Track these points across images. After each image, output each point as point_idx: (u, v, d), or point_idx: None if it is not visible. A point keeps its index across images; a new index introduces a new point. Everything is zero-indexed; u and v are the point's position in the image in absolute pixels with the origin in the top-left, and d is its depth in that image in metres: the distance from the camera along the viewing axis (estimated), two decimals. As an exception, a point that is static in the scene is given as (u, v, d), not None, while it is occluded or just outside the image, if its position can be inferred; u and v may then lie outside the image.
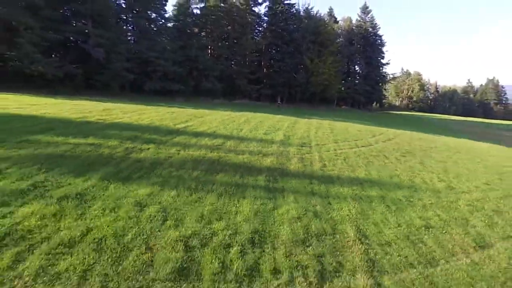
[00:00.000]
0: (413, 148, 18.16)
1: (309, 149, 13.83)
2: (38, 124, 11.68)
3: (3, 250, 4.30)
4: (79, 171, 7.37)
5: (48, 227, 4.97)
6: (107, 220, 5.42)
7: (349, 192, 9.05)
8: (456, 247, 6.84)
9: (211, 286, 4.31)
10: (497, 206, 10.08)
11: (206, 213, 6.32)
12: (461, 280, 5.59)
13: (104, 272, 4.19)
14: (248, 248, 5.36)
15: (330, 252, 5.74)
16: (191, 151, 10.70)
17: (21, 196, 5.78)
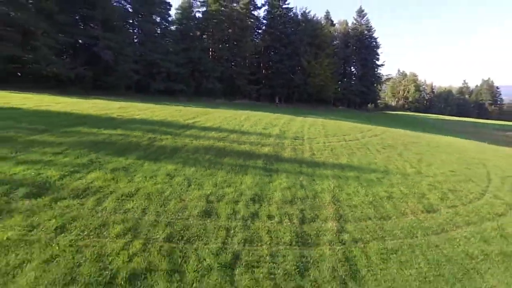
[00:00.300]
0: (396, 143, 20.36)
1: (302, 141, 16.02)
2: (71, 119, 13.83)
3: (87, 197, 6.46)
4: (118, 153, 9.53)
5: (111, 186, 7.12)
6: (149, 183, 7.59)
7: (331, 173, 11.23)
8: (407, 210, 9.02)
9: (226, 221, 6.47)
10: (453, 187, 12.25)
11: (218, 182, 8.49)
12: (404, 228, 7.77)
13: (156, 210, 6.35)
14: (250, 203, 7.52)
15: (310, 208, 7.92)
16: (202, 141, 12.86)
17: (85, 167, 7.94)
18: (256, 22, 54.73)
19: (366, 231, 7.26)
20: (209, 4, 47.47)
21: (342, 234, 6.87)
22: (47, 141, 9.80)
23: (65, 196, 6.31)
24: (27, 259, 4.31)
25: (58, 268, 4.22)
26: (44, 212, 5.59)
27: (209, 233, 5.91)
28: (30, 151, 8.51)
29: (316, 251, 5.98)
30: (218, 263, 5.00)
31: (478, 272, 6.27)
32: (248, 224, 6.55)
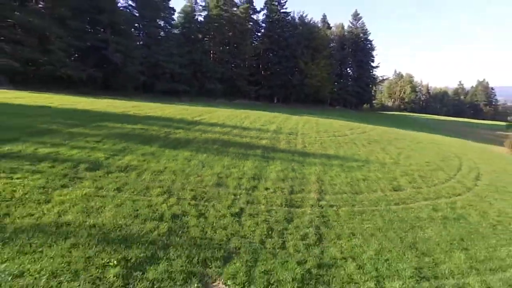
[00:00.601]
0: (381, 139, 22.56)
1: (295, 136, 18.18)
2: (96, 115, 15.95)
3: (130, 172, 8.58)
4: (143, 143, 11.66)
5: (144, 165, 9.26)
6: (173, 164, 9.73)
7: (318, 161, 13.38)
8: (378, 189, 11.17)
9: (233, 190, 8.60)
10: (424, 174, 14.41)
11: (225, 164, 10.63)
12: (371, 200, 9.90)
13: (181, 182, 8.49)
14: (251, 180, 9.66)
15: (298, 185, 10.05)
16: (209, 134, 15.00)
17: (121, 152, 10.07)
18: (255, 26, 56.98)
19: (340, 200, 9.41)
20: (211, 9, 49.63)
21: (321, 201, 9.02)
22: (84, 132, 11.92)
23: (114, 171, 8.45)
24: (103, 205, 6.44)
25: (125, 210, 6.35)
26: (103, 179, 7.73)
27: (222, 196, 8.05)
28: (76, 140, 10.63)
29: (300, 210, 8.13)
30: (229, 213, 7.14)
31: (421, 228, 8.43)
32: (250, 192, 8.70)
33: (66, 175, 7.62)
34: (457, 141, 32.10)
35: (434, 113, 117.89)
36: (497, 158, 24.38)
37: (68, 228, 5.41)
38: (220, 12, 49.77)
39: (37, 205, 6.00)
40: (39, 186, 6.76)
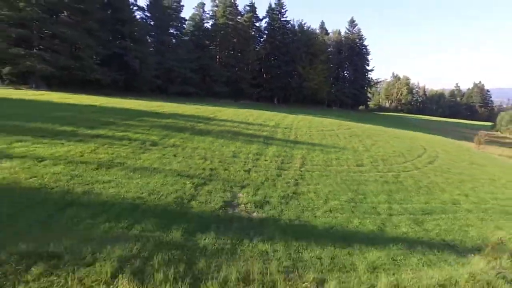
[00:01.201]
0: (362, 133, 27.01)
1: (290, 130, 22.71)
2: (134, 112, 20.51)
3: (177, 147, 13.13)
4: (178, 131, 16.20)
5: (184, 144, 13.80)
6: (202, 144, 14.28)
7: (305, 147, 17.88)
8: (345, 165, 15.65)
9: (243, 160, 13.13)
10: (387, 158, 18.87)
11: (237, 146, 15.16)
12: (338, 170, 14.41)
13: (210, 154, 13.04)
14: (255, 155, 14.18)
15: (287, 160, 14.56)
16: (223, 127, 19.55)
17: (166, 137, 14.63)
18: (258, 33, 61.62)
19: (315, 169, 13.92)
20: (217, 18, 54.25)
21: (301, 168, 13.53)
22: (134, 124, 16.49)
23: (167, 146, 13.01)
24: (170, 162, 10.99)
25: (183, 164, 10.90)
26: (163, 150, 12.29)
27: (236, 162, 12.59)
28: (133, 128, 15.21)
29: (286, 171, 12.65)
30: (242, 169, 11.68)
31: (365, 184, 12.90)
32: (254, 161, 13.23)
33: (141, 147, 12.20)
34: (434, 137, 36.47)
35: (430, 114, 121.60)
36: (462, 151, 28.76)
37: (157, 170, 9.97)
38: (226, 21, 54.34)
39: (135, 159, 10.58)
40: (130, 152, 11.35)
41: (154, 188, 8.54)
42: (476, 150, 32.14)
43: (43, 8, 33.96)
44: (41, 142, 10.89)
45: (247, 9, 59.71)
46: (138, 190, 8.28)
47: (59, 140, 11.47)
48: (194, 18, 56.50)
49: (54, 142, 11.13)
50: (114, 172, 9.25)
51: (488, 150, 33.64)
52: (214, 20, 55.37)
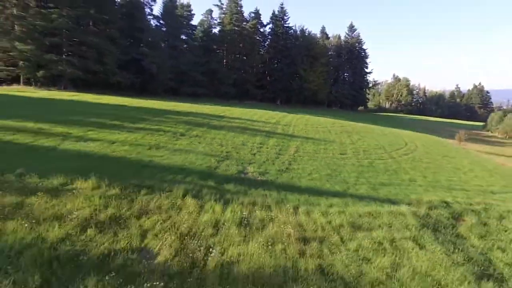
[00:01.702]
0: (353, 130, 30.81)
1: (288, 127, 26.61)
2: (158, 111, 24.54)
3: (199, 137, 17.13)
4: (197, 126, 20.18)
5: (204, 135, 17.78)
6: (218, 136, 18.25)
7: (300, 139, 21.78)
8: (331, 153, 19.53)
9: (250, 147, 17.07)
10: (368, 150, 22.70)
11: (245, 137, 19.11)
12: (324, 157, 18.30)
13: (225, 143, 17.01)
14: (259, 145, 18.11)
15: (284, 148, 18.49)
16: (232, 123, 23.51)
17: (189, 130, 18.62)
18: (262, 38, 65.50)
19: (306, 155, 17.82)
20: (225, 25, 58.21)
21: (294, 154, 17.43)
22: (162, 120, 20.51)
23: (191, 136, 17.00)
24: (197, 147, 14.96)
25: (207, 148, 14.87)
26: (190, 138, 16.27)
27: (244, 149, 16.51)
28: (163, 124, 19.23)
29: (283, 156, 16.55)
30: (250, 153, 15.61)
31: (343, 166, 16.77)
32: (258, 149, 17.15)
33: (173, 137, 16.20)
34: (420, 135, 40.08)
35: (429, 115, 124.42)
36: (440, 146, 32.37)
37: (189, 151, 13.94)
38: (233, 27, 58.27)
39: (173, 144, 14.59)
40: (167, 139, 15.36)
41: (191, 161, 12.51)
42: (456, 146, 35.71)
43: (72, 19, 38.26)
44: (104, 131, 14.92)
45: (252, 15, 63.62)
46: (182, 161, 12.27)
47: (115, 130, 15.50)
48: (202, 24, 60.58)
49: (112, 132, 15.16)
50: (161, 151, 13.24)
51: (468, 146, 37.18)
52: (222, 27, 59.40)
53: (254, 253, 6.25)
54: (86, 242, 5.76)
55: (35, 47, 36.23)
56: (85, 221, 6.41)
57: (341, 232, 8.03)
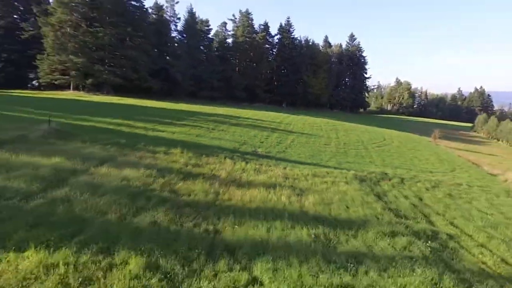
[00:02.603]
0: (341, 128, 37.81)
1: (289, 125, 33.86)
2: (189, 112, 32.07)
3: (225, 131, 24.56)
4: (221, 124, 27.58)
5: (228, 130, 25.19)
6: (237, 130, 25.62)
7: (296, 134, 29.04)
8: (317, 144, 26.73)
9: (259, 137, 24.41)
10: (349, 143, 29.82)
11: (256, 132, 26.45)
12: (311, 144, 25.54)
13: (241, 135, 24.40)
14: (266, 137, 25.42)
15: (283, 140, 25.75)
16: (246, 122, 30.87)
17: (217, 126, 26.07)
18: (270, 47, 72.79)
19: (298, 144, 25.05)
20: (238, 37, 65.68)
21: (290, 143, 24.68)
22: (196, 119, 27.98)
23: (219, 130, 24.40)
24: (224, 136, 22.35)
25: (231, 137, 22.25)
26: (219, 132, 23.68)
27: (255, 139, 23.81)
28: (197, 122, 26.70)
29: (282, 144, 23.80)
30: (259, 141, 22.93)
31: (324, 152, 23.95)
32: (265, 139, 24.44)
33: (208, 130, 23.65)
34: (401, 133, 46.74)
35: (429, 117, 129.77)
36: (413, 142, 38.99)
37: (220, 139, 21.33)
38: (245, 39, 65.65)
39: (209, 134, 22.02)
40: (204, 131, 22.81)
41: (223, 144, 19.83)
42: (429, 143, 42.27)
43: (114, 36, 46.27)
44: (164, 126, 22.42)
45: (262, 27, 70.93)
46: (218, 144, 19.67)
47: (170, 125, 23.00)
48: (218, 35, 68.27)
49: (169, 126, 22.65)
50: (203, 138, 20.66)
51: (442, 143, 43.69)
52: (235, 38, 66.97)
53: (262, 179, 13.53)
54: (190, 170, 13.09)
55: (86, 60, 44.29)
56: (185, 163, 13.75)
57: (306, 177, 15.25)
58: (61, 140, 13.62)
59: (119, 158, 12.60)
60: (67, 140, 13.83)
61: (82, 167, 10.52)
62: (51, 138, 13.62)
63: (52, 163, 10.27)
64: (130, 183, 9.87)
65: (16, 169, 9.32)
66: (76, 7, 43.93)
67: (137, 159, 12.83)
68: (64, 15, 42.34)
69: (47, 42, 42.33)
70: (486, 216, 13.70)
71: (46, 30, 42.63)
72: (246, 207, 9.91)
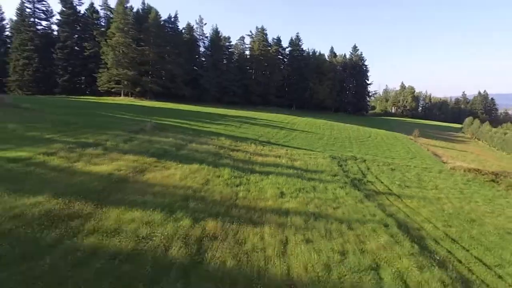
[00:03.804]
0: (336, 127, 47.24)
1: (294, 124, 43.68)
2: (218, 114, 42.31)
3: (247, 129, 34.63)
4: (244, 123, 37.65)
5: (249, 127, 35.27)
6: (256, 128, 35.68)
7: (298, 131, 38.86)
8: (314, 137, 36.47)
9: (272, 135, 34.37)
10: (339, 137, 39.45)
11: (269, 129, 36.40)
12: (305, 138, 35.31)
13: (259, 131, 34.43)
14: (276, 132, 35.32)
15: (288, 134, 35.60)
16: (262, 122, 40.88)
17: (242, 124, 36.18)
18: (282, 58, 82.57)
19: (299, 138, 34.85)
20: (254, 50, 75.77)
21: (294, 137, 34.50)
22: (226, 119, 38.14)
23: (244, 128, 34.49)
24: (248, 132, 32.40)
25: (251, 131, 32.28)
26: (244, 128, 33.75)
27: (269, 134, 33.72)
28: (227, 122, 36.85)
29: (288, 137, 33.65)
30: (271, 136, 32.88)
31: (317, 142, 33.68)
32: (275, 134, 34.32)
33: (236, 127, 33.78)
34: (388, 132, 55.56)
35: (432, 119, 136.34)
36: (395, 139, 47.92)
37: (246, 133, 31.38)
38: (260, 52, 75.65)
39: (238, 129, 32.13)
40: (234, 128, 32.94)
41: (248, 135, 29.74)
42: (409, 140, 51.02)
43: (156, 53, 57.19)
44: (206, 124, 32.60)
45: (275, 41, 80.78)
46: (244, 135, 29.66)
47: (210, 123, 33.17)
48: (237, 47, 78.64)
49: (210, 124, 32.82)
50: (234, 132, 30.71)
51: (420, 140, 52.33)
52: (251, 51, 77.16)
53: (272, 153, 23.43)
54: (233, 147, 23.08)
55: (135, 72, 55.37)
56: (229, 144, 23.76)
57: (299, 154, 25.01)
58: (161, 131, 23.89)
59: (196, 140, 22.77)
60: (164, 131, 24.11)
61: (183, 143, 20.73)
62: (156, 130, 23.90)
63: (170, 140, 20.52)
64: (209, 150, 19.98)
65: (157, 143, 19.58)
66: (129, 31, 55.02)
67: (205, 141, 22.95)
68: (120, 38, 53.48)
69: (108, 59, 53.64)
70: (404, 178, 23.21)
71: (106, 49, 53.92)
72: (265, 163, 19.80)
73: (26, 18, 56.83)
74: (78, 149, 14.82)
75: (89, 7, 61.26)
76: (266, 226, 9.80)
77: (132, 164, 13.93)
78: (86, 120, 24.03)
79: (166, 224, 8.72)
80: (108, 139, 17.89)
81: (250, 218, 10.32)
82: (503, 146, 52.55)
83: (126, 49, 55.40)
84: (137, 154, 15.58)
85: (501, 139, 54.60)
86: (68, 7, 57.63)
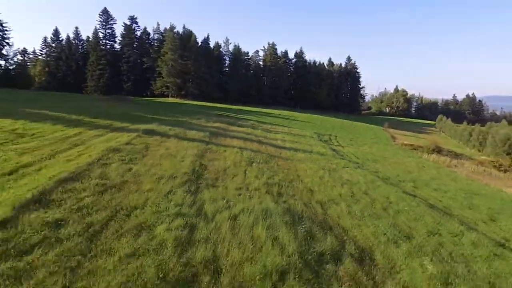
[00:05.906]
0: (327, 121, 63.97)
1: (297, 117, 60.66)
2: (243, 110, 59.62)
3: (262, 122, 51.93)
4: (263, 116, 54.87)
5: (266, 118, 52.56)
6: (270, 119, 52.92)
7: (299, 121, 55.90)
8: (307, 126, 53.51)
9: (280, 126, 51.62)
10: (324, 126, 56.44)
11: (280, 120, 53.55)
12: (305, 128, 52.40)
13: (274, 121, 51.70)
14: (284, 123, 52.52)
15: (292, 122, 52.74)
16: (274, 115, 57.96)
17: (260, 116, 53.44)
18: (289, 67, 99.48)
19: (298, 124, 51.89)
20: (266, 61, 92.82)
21: (294, 124, 51.57)
22: (249, 114, 55.41)
23: (263, 117, 51.74)
24: (261, 126, 49.60)
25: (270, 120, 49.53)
26: (260, 123, 51.01)
27: (278, 122, 50.90)
28: (251, 115, 54.14)
29: (291, 124, 50.78)
30: (282, 125, 50.08)
31: (309, 128, 50.73)
32: (283, 122, 51.46)
33: (258, 118, 51.07)
34: (368, 125, 72.02)
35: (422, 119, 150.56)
36: (370, 129, 64.38)
37: (266, 122, 48.62)
38: (271, 62, 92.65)
39: (261, 119, 49.42)
40: (258, 118, 50.24)
41: (266, 121, 46.88)
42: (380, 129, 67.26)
43: (195, 66, 74.90)
44: (238, 115, 49.90)
45: (283, 53, 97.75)
46: (264, 120, 46.81)
47: (241, 115, 50.42)
48: (253, 59, 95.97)
49: (241, 115, 50.07)
50: (257, 118, 47.93)
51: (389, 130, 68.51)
52: (264, 62, 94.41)
53: (281, 131, 40.51)
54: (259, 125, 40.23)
55: (181, 81, 73.15)
56: (257, 123, 40.93)
57: (296, 131, 42.03)
58: (220, 118, 41.27)
59: (237, 123, 40.00)
60: (222, 118, 41.49)
61: (232, 121, 38.17)
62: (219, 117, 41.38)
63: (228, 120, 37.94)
64: (247, 124, 37.26)
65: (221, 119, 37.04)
66: (176, 50, 72.88)
67: (243, 124, 40.22)
68: (171, 55, 71.36)
69: (163, 71, 71.59)
70: (357, 145, 40.15)
71: (161, 64, 71.91)
72: (277, 131, 36.80)
73: (99, 40, 75.40)
74: (198, 119, 32.40)
75: (143, 31, 79.65)
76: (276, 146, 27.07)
77: (222, 125, 31.43)
78: (172, 110, 41.75)
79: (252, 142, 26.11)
80: (202, 118, 35.48)
81: (272, 144, 27.55)
82: (452, 135, 68.44)
83: (175, 63, 73.22)
84: (220, 123, 33.14)
85: (453, 129, 70.39)
86: (130, 32, 76.00)
